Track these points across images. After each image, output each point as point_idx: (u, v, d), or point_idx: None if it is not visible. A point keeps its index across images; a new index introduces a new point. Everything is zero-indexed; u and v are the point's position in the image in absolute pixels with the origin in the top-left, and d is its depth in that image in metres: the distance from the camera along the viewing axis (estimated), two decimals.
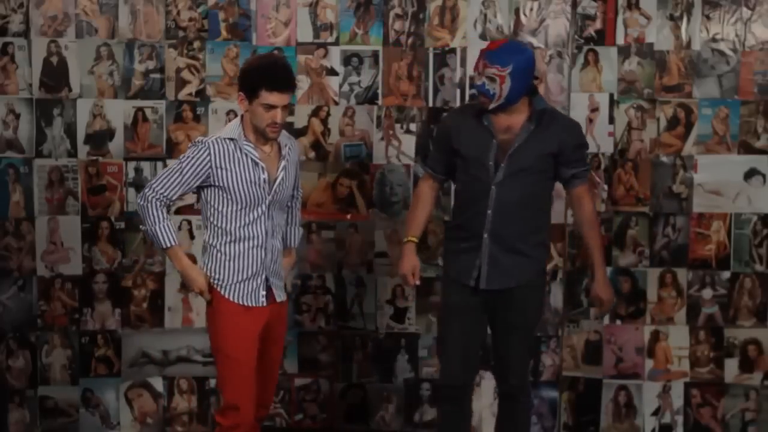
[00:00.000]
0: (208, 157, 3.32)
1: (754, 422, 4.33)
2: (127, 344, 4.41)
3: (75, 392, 4.40)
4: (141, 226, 3.45)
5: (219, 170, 3.33)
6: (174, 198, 3.39)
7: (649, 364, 4.36)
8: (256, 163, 3.35)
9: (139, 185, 4.33)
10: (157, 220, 3.34)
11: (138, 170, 4.34)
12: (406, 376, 4.44)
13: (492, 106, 3.46)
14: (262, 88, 3.27)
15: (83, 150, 4.33)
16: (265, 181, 3.36)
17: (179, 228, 4.32)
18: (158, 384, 4.43)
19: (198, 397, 4.42)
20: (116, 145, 4.34)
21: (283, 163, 3.43)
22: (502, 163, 3.47)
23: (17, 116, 4.31)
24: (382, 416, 4.46)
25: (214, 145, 3.34)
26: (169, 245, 3.37)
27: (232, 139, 3.36)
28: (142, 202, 3.36)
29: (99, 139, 4.34)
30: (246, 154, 3.35)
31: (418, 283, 3.71)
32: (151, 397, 4.44)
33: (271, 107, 3.28)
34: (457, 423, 3.70)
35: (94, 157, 4.34)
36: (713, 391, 4.34)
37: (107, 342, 4.40)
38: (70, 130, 4.33)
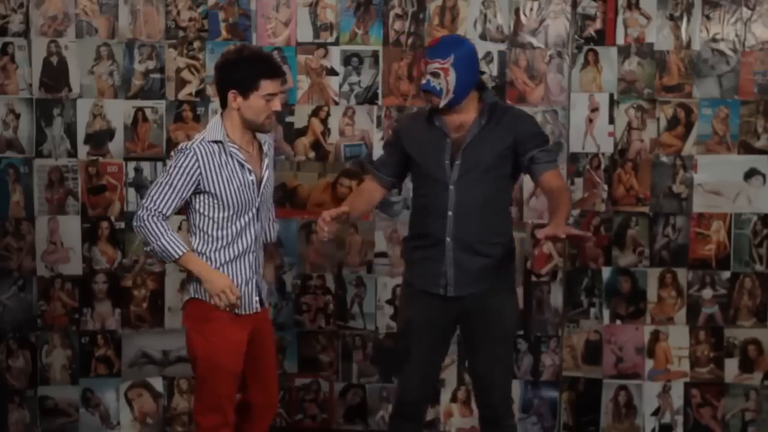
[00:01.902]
0: (197, 163, 3.21)
1: (754, 422, 4.34)
2: (127, 344, 4.41)
3: (75, 392, 4.41)
4: (146, 248, 3.28)
5: (208, 174, 3.22)
6: (169, 213, 3.22)
7: (649, 364, 4.36)
8: (242, 165, 3.26)
9: (139, 185, 4.34)
10: (160, 234, 3.19)
11: (138, 170, 4.34)
12: None
13: (442, 103, 3.36)
14: (262, 78, 3.19)
15: (83, 150, 4.34)
16: (252, 182, 3.29)
17: (179, 228, 4.32)
18: (158, 384, 4.43)
19: None
20: (116, 145, 4.35)
21: (266, 161, 3.36)
22: (457, 161, 3.38)
23: (17, 116, 4.31)
24: (382, 416, 4.46)
25: (200, 149, 3.22)
26: (181, 253, 3.21)
27: (217, 142, 3.25)
28: (138, 224, 3.20)
29: (99, 139, 4.34)
30: (232, 156, 3.25)
31: (326, 229, 3.34)
32: (151, 397, 4.44)
33: (271, 96, 3.22)
34: None
35: (94, 157, 4.34)
36: (713, 391, 4.34)
37: (107, 342, 4.40)
38: (70, 130, 4.33)
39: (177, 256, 3.22)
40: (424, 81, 3.37)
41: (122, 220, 4.36)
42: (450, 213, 3.38)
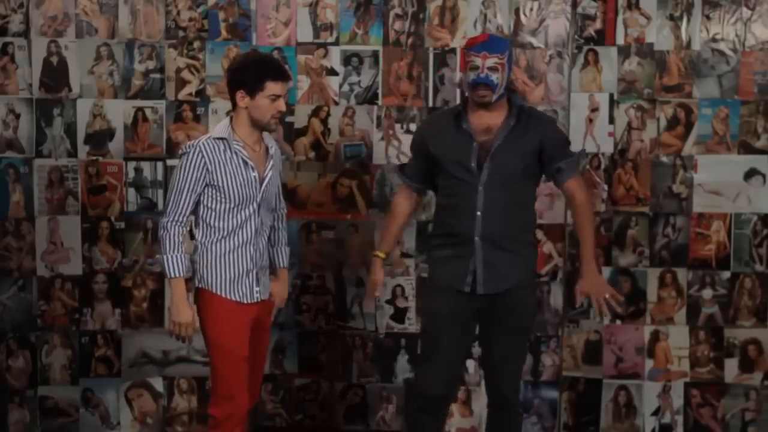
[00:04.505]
0: (203, 159, 3.37)
1: (754, 422, 4.34)
2: (127, 344, 4.41)
3: (75, 392, 4.41)
4: (157, 255, 3.43)
5: (214, 169, 3.38)
6: (189, 213, 3.41)
7: (649, 364, 4.36)
8: (246, 163, 3.41)
9: (139, 185, 4.34)
10: (171, 248, 3.37)
11: (138, 170, 4.34)
12: (406, 376, 4.44)
13: (495, 98, 3.43)
14: (267, 79, 3.35)
15: (83, 150, 4.34)
16: (255, 179, 3.43)
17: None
18: (158, 384, 4.43)
19: (198, 397, 4.42)
20: (116, 145, 4.35)
21: (271, 162, 3.50)
22: (485, 163, 3.44)
23: (17, 116, 4.31)
24: (382, 416, 4.46)
25: (205, 146, 3.39)
26: (174, 275, 3.38)
27: (222, 139, 3.41)
28: (162, 232, 3.39)
29: (99, 139, 4.34)
30: (236, 153, 3.40)
31: (379, 295, 3.81)
32: (151, 397, 4.44)
33: (276, 97, 3.37)
34: None
35: (94, 157, 4.34)
36: (713, 391, 4.34)
37: (107, 342, 4.41)
38: (70, 130, 4.33)
39: (170, 276, 3.40)
40: (482, 74, 3.41)
41: (122, 220, 4.36)
42: (479, 213, 3.45)
